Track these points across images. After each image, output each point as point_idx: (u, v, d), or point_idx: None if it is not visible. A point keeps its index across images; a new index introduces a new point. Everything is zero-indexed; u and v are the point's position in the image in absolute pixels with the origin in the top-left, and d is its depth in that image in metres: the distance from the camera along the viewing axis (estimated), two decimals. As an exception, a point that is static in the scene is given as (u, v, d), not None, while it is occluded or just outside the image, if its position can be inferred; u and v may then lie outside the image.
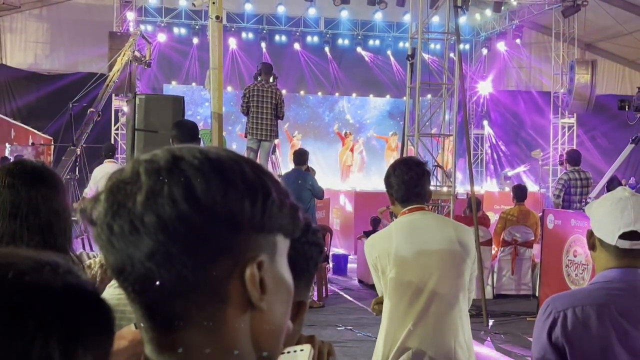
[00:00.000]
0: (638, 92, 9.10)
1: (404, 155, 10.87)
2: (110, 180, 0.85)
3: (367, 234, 12.08)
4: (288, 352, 1.28)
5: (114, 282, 2.27)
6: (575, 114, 18.86)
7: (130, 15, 17.57)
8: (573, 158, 10.24)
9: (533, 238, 10.47)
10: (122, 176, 0.84)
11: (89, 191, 10.57)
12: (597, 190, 9.42)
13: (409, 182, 3.35)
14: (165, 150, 0.85)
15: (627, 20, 18.20)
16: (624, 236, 2.23)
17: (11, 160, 8.28)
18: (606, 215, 2.31)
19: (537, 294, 9.56)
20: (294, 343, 1.36)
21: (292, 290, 0.95)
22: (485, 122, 21.31)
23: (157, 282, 0.82)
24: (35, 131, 16.29)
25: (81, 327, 0.76)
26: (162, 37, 18.90)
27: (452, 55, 11.37)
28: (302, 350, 1.25)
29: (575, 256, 8.44)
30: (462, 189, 12.49)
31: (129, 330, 1.10)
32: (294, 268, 1.18)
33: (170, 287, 0.82)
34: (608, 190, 9.49)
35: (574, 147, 15.81)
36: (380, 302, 3.46)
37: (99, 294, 0.81)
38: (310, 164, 10.50)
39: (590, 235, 2.35)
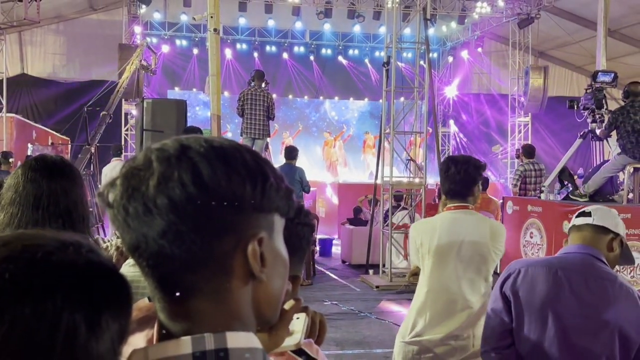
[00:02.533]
0: (585, 94, 9.11)
1: (381, 151, 10.89)
2: (124, 167, 0.84)
3: (350, 221, 12.13)
4: None
5: (129, 261, 2.26)
6: (530, 114, 18.91)
7: (137, 29, 17.46)
8: (528, 152, 10.29)
9: (494, 222, 10.52)
10: (135, 163, 0.84)
11: (101, 186, 10.53)
12: (549, 179, 9.43)
13: (449, 178, 3.32)
14: (174, 140, 0.85)
15: (574, 31, 18.28)
16: (578, 215, 2.34)
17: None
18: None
19: (498, 271, 9.59)
20: None
21: (288, 264, 0.95)
22: (451, 121, 21.35)
23: (169, 257, 0.81)
24: (54, 132, 16.18)
25: (103, 300, 0.75)
26: (165, 48, 18.80)
27: (422, 62, 11.38)
28: (297, 318, 1.24)
29: (531, 237, 8.49)
30: (431, 180, 12.50)
31: (144, 303, 1.09)
32: (288, 246, 1.18)
33: (181, 261, 0.82)
34: (560, 180, 9.55)
35: (529, 142, 15.84)
36: (415, 273, 3.54)
37: (118, 270, 0.81)
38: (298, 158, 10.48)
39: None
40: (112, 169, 10.51)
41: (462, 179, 3.29)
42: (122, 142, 16.03)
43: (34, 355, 0.69)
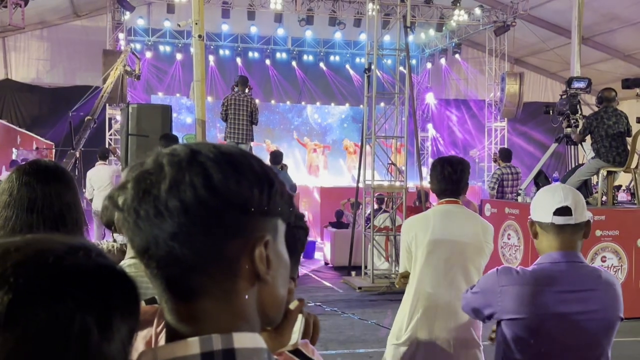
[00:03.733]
0: (560, 99, 9.23)
1: (363, 155, 10.91)
2: (134, 171, 0.85)
3: (332, 225, 12.14)
4: None
5: (124, 262, 2.24)
6: (506, 119, 19.07)
7: (121, 35, 17.36)
8: (505, 155, 10.37)
9: (473, 224, 10.56)
10: (145, 167, 0.84)
11: (85, 190, 10.43)
12: (526, 183, 9.53)
13: (443, 179, 3.36)
14: (184, 146, 0.86)
15: (548, 39, 18.49)
16: (558, 212, 2.25)
17: (19, 163, 8.12)
18: (541, 201, 2.34)
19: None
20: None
21: (289, 266, 0.96)
22: (430, 126, 21.47)
23: (179, 259, 0.82)
24: (39, 137, 16.01)
25: (113, 303, 0.75)
26: (149, 54, 18.69)
27: (402, 68, 11.43)
28: None
29: (509, 239, 8.57)
30: (412, 183, 12.56)
31: (142, 306, 1.09)
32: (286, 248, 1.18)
33: (191, 263, 0.82)
34: (536, 183, 9.65)
35: (506, 146, 15.97)
36: (405, 276, 3.50)
37: (125, 272, 0.81)
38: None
39: (531, 224, 2.36)
40: (96, 173, 10.42)
41: (457, 179, 3.34)
42: (107, 146, 15.90)
43: (48, 357, 0.68)
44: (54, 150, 15.18)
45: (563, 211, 2.25)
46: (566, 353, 2.24)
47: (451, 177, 3.33)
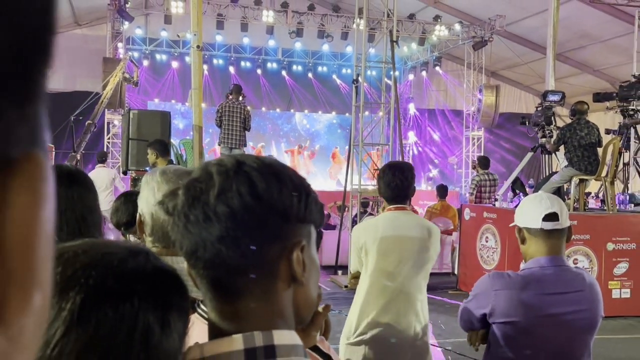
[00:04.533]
0: (535, 111, 9.33)
1: (350, 161, 10.95)
2: (185, 180, 0.88)
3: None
4: None
5: None
6: (483, 128, 19.21)
7: (120, 44, 17.29)
8: (483, 163, 10.44)
9: (452, 227, 10.64)
10: (194, 176, 0.87)
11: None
12: (503, 189, 9.63)
13: (394, 186, 3.29)
14: (230, 157, 0.89)
15: (523, 54, 18.67)
16: (546, 218, 2.29)
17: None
18: (529, 208, 2.37)
19: (456, 272, 9.73)
20: None
21: (320, 270, 0.98)
22: (411, 134, 21.56)
23: (225, 261, 0.84)
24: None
25: (171, 300, 0.77)
26: (146, 62, 18.63)
27: (387, 80, 11.49)
28: None
29: (487, 241, 8.63)
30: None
31: None
32: None
33: (235, 265, 0.85)
34: (512, 189, 9.72)
35: (482, 154, 16.09)
36: (356, 277, 3.45)
37: (178, 273, 0.83)
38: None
39: (519, 231, 2.38)
40: (96, 175, 10.36)
41: (407, 186, 3.30)
42: (105, 150, 15.82)
43: (115, 353, 0.71)
44: (54, 153, 15.05)
45: (551, 217, 2.28)
46: (556, 351, 2.28)
47: (403, 183, 3.28)
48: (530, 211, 2.34)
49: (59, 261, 0.72)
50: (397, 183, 3.27)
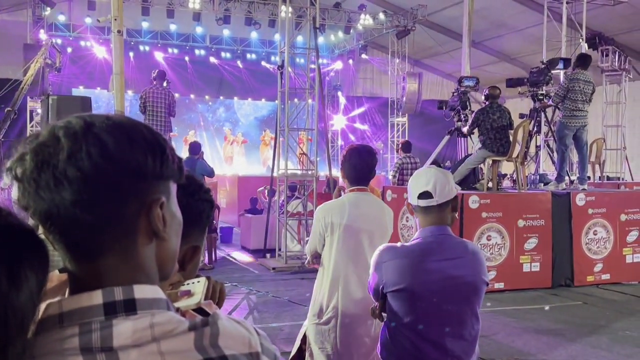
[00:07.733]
0: (452, 96, 9.59)
1: (277, 146, 10.95)
2: (30, 144, 0.84)
3: (248, 211, 12.13)
4: (187, 284, 1.29)
5: None
6: (407, 114, 19.55)
7: (42, 31, 16.55)
8: (405, 147, 10.67)
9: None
10: (41, 140, 0.83)
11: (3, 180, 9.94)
12: (423, 171, 9.86)
13: (360, 169, 3.38)
14: (77, 117, 0.86)
15: (444, 42, 19.11)
16: (421, 196, 2.41)
17: None
18: (410, 186, 2.51)
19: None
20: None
21: (182, 224, 0.97)
22: (338, 119, 21.69)
23: (81, 223, 0.83)
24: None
25: (22, 255, 0.76)
26: (70, 49, 17.94)
27: (312, 66, 11.52)
28: (198, 281, 1.27)
29: (407, 221, 8.85)
30: (322, 172, 12.71)
31: (56, 274, 1.09)
32: (190, 219, 1.21)
33: (92, 226, 0.83)
34: (431, 171, 9.95)
35: (407, 139, 16.40)
36: (315, 257, 3.50)
37: (36, 231, 0.82)
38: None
39: (408, 205, 2.52)
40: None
41: (369, 168, 3.39)
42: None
43: None
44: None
45: (425, 195, 2.41)
46: (443, 315, 2.40)
47: (367, 165, 3.38)
48: (411, 188, 2.49)
49: None
50: (363, 165, 3.36)
